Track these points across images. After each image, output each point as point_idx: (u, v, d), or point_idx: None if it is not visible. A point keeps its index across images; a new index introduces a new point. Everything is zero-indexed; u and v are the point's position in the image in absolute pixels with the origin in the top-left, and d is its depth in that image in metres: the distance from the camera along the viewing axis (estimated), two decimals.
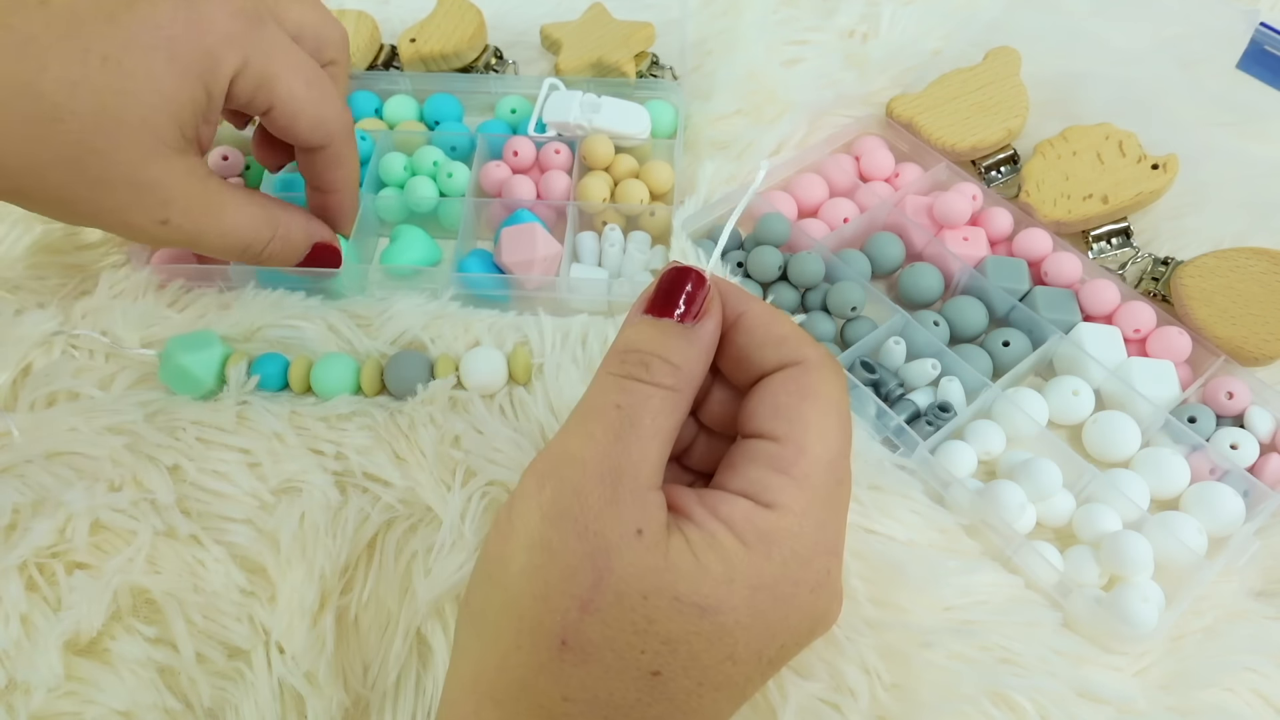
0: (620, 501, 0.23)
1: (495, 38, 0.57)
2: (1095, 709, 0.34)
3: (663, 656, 0.22)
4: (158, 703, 0.33)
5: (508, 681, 0.23)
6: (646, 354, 0.25)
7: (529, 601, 0.23)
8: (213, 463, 0.37)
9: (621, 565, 0.22)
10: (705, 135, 0.53)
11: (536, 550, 0.23)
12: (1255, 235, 0.48)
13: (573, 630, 0.22)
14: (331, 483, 0.38)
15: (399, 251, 0.46)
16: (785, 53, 0.57)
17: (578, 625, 0.22)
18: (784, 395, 0.25)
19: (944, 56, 0.57)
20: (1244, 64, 0.50)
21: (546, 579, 0.23)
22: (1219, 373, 0.44)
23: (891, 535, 0.37)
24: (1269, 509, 0.39)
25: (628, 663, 0.22)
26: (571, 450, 0.24)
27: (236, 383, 0.40)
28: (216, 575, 0.35)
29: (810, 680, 0.33)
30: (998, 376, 0.43)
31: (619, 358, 0.25)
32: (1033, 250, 0.48)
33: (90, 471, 0.37)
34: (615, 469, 0.23)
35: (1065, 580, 0.36)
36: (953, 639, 0.34)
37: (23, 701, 0.32)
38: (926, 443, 0.40)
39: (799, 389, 0.25)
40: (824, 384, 0.25)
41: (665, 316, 0.25)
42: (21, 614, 0.33)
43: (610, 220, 0.48)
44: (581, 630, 0.22)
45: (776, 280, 0.46)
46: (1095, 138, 0.50)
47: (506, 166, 0.50)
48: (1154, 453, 0.41)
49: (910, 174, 0.52)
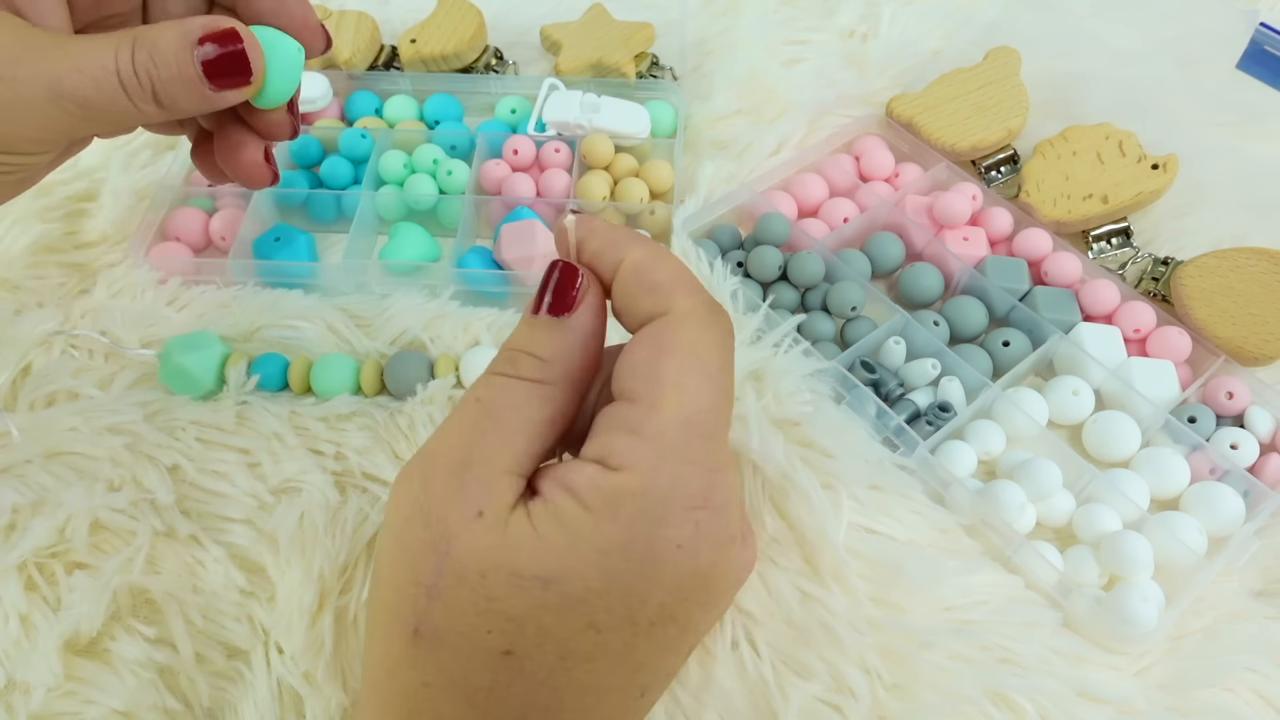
0: (465, 487, 0.23)
1: (495, 38, 0.57)
2: (1095, 709, 0.34)
3: (510, 635, 0.22)
4: (157, 703, 0.33)
5: (380, 672, 0.24)
6: (514, 350, 0.25)
7: (388, 593, 0.23)
8: (212, 463, 0.37)
9: (460, 548, 0.22)
10: (705, 135, 0.53)
11: (392, 543, 0.23)
12: (1255, 235, 0.48)
13: (423, 617, 0.22)
14: (331, 483, 0.38)
15: (398, 248, 0.46)
16: (785, 53, 0.57)
17: (426, 612, 0.22)
18: (641, 350, 0.24)
19: (944, 56, 0.57)
20: (1244, 64, 0.50)
21: (398, 570, 0.23)
22: (1219, 373, 0.44)
23: (891, 535, 0.37)
24: (1269, 509, 0.39)
25: (476, 644, 0.22)
26: (429, 446, 0.24)
27: (236, 383, 0.40)
28: (216, 575, 0.35)
29: (810, 680, 0.33)
30: (998, 376, 0.43)
31: (498, 357, 0.25)
32: (1033, 250, 0.48)
33: (90, 471, 0.37)
34: (465, 459, 0.23)
35: (1065, 580, 0.36)
36: (953, 639, 0.34)
37: (22, 701, 0.32)
38: (926, 443, 0.40)
39: (657, 343, 0.24)
40: (687, 335, 0.24)
41: (535, 312, 0.25)
42: (21, 614, 0.33)
43: (610, 219, 0.48)
44: (430, 617, 0.22)
45: (776, 280, 0.46)
46: (1095, 138, 0.50)
47: (506, 165, 0.50)
48: (1154, 453, 0.41)
49: (910, 174, 0.52)
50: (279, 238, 0.46)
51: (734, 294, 0.44)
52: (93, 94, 0.27)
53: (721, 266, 0.45)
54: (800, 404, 0.39)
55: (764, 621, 0.34)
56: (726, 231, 0.49)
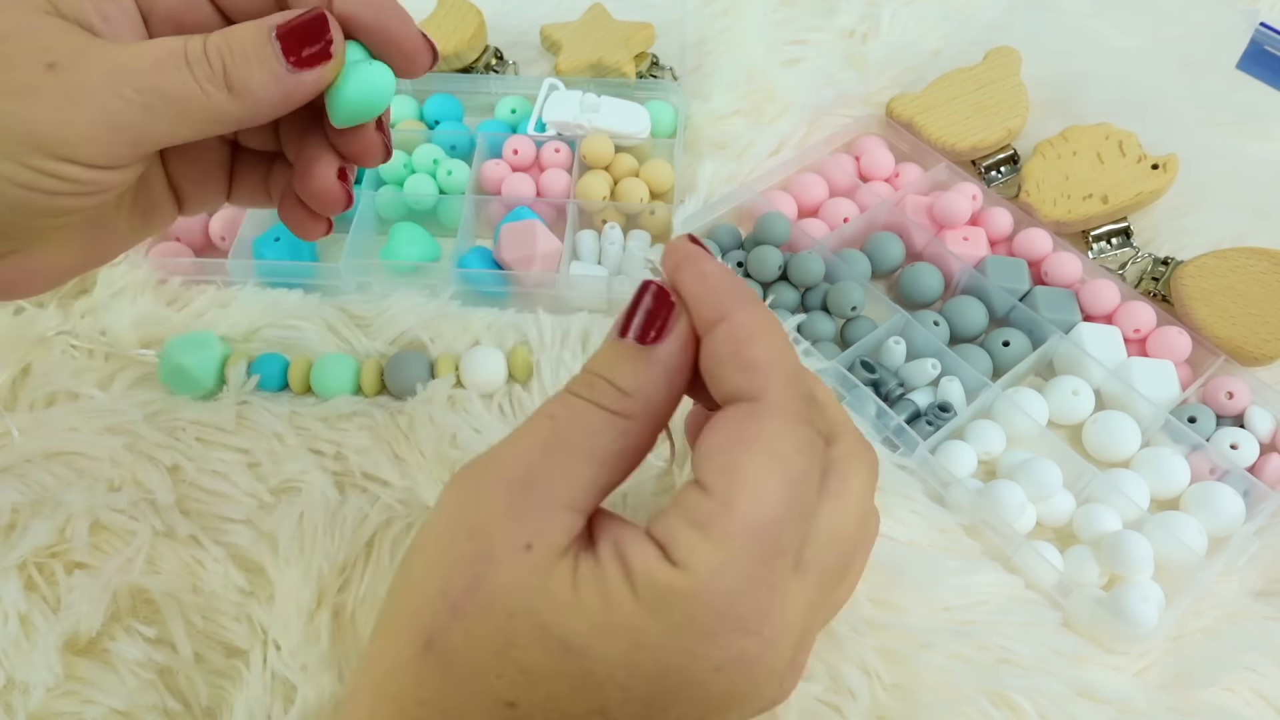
0: (521, 512, 0.21)
1: (495, 38, 0.57)
2: (1095, 709, 0.34)
3: (520, 687, 0.21)
4: (157, 703, 0.33)
5: (379, 669, 0.22)
6: (595, 374, 0.23)
7: (413, 594, 0.22)
8: (212, 463, 0.37)
9: (498, 575, 0.21)
10: (705, 135, 0.53)
11: (432, 542, 0.22)
12: (1255, 235, 0.48)
13: (440, 632, 0.21)
14: (331, 483, 0.38)
15: (398, 248, 0.46)
16: (785, 53, 0.57)
17: (445, 628, 0.21)
18: (724, 436, 0.22)
19: (944, 56, 0.57)
20: (1244, 64, 0.50)
21: (430, 573, 0.22)
22: (1219, 372, 0.44)
23: (891, 535, 0.37)
24: (1269, 509, 0.39)
25: (483, 684, 0.21)
26: (493, 454, 0.23)
27: (236, 383, 0.40)
28: (215, 575, 0.35)
29: (810, 681, 0.33)
30: (998, 376, 0.43)
31: (579, 378, 0.24)
32: (1033, 250, 0.48)
33: (90, 471, 0.37)
34: (526, 478, 0.22)
35: (1065, 580, 0.36)
36: (952, 639, 0.34)
37: (21, 701, 0.32)
38: (926, 443, 0.40)
39: (741, 432, 0.22)
40: (774, 433, 0.22)
41: (623, 336, 0.23)
42: (21, 613, 0.33)
43: (610, 219, 0.48)
44: (447, 635, 0.21)
45: (776, 280, 0.46)
46: (1095, 138, 0.50)
47: (506, 165, 0.50)
48: (1154, 452, 0.41)
49: (910, 174, 0.52)
50: (279, 238, 0.46)
51: None
52: (154, 76, 0.24)
53: None
54: None
55: None
56: (726, 231, 0.49)
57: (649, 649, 0.20)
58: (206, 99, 0.24)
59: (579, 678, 0.20)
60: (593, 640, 0.20)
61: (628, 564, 0.21)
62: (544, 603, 0.21)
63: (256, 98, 0.25)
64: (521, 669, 0.21)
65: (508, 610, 0.21)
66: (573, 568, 0.21)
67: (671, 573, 0.21)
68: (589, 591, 0.21)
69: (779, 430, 0.22)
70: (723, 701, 0.21)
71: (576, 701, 0.21)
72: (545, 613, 0.21)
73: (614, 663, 0.20)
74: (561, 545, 0.21)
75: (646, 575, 0.21)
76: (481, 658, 0.21)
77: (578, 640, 0.20)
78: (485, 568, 0.21)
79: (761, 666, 0.21)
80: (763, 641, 0.21)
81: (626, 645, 0.20)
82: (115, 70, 0.24)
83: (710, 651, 0.21)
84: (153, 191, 0.30)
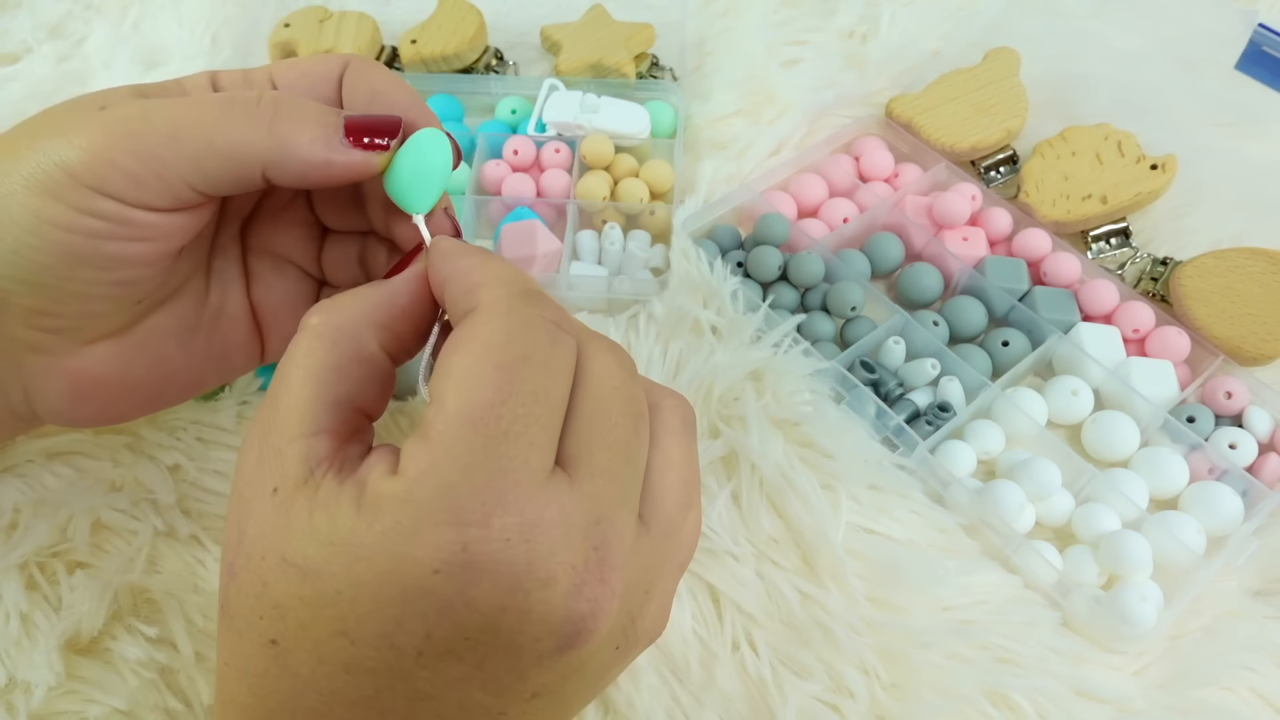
0: (263, 462, 0.22)
1: (495, 39, 0.57)
2: (1094, 708, 0.34)
3: (276, 623, 0.21)
4: (158, 703, 0.33)
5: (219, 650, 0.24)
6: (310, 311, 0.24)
7: None
8: (213, 463, 0.37)
9: (253, 525, 0.22)
10: (705, 135, 0.53)
11: None
12: (1254, 235, 0.48)
13: (226, 596, 0.22)
14: None
15: None
16: (785, 53, 0.57)
17: (225, 591, 0.22)
18: (446, 350, 0.22)
19: (944, 57, 0.57)
20: (1243, 65, 0.50)
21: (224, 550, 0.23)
22: (1217, 372, 0.44)
23: (891, 535, 0.37)
24: (1267, 508, 0.39)
25: (252, 628, 0.22)
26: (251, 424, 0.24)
27: (238, 383, 0.40)
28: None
29: (809, 681, 0.33)
30: (997, 376, 0.43)
31: None
32: (1032, 250, 0.48)
33: (91, 471, 0.37)
34: (265, 425, 0.23)
35: (1064, 580, 0.37)
36: (951, 639, 0.34)
37: (23, 700, 0.32)
38: (926, 443, 0.40)
39: (455, 339, 0.22)
40: (488, 327, 0.22)
41: None
42: (22, 613, 0.33)
43: (610, 219, 0.48)
44: (228, 596, 0.22)
45: (776, 280, 0.46)
46: (1094, 138, 0.50)
47: (506, 165, 0.50)
48: (1153, 452, 0.41)
49: (910, 174, 0.52)
50: None
51: (734, 294, 0.44)
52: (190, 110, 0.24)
53: (721, 267, 0.45)
54: (800, 404, 0.39)
55: (763, 622, 0.34)
56: (726, 232, 0.49)
57: (365, 560, 0.20)
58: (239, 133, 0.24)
59: (315, 600, 0.20)
60: (319, 560, 0.20)
61: (363, 484, 0.21)
62: (284, 536, 0.21)
63: (300, 153, 0.25)
64: (274, 604, 0.21)
65: (260, 553, 0.21)
66: (311, 495, 0.21)
67: (388, 480, 0.21)
68: (320, 515, 0.21)
69: (488, 322, 0.22)
70: (479, 619, 0.20)
71: (320, 625, 0.21)
72: (286, 544, 0.21)
73: (339, 577, 0.20)
74: (299, 476, 0.22)
75: (371, 489, 0.21)
76: (248, 605, 0.22)
77: (308, 563, 0.20)
78: (246, 522, 0.22)
79: (506, 566, 0.20)
80: (493, 534, 0.20)
81: (347, 559, 0.20)
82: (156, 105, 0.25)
83: (419, 551, 0.20)
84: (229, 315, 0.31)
